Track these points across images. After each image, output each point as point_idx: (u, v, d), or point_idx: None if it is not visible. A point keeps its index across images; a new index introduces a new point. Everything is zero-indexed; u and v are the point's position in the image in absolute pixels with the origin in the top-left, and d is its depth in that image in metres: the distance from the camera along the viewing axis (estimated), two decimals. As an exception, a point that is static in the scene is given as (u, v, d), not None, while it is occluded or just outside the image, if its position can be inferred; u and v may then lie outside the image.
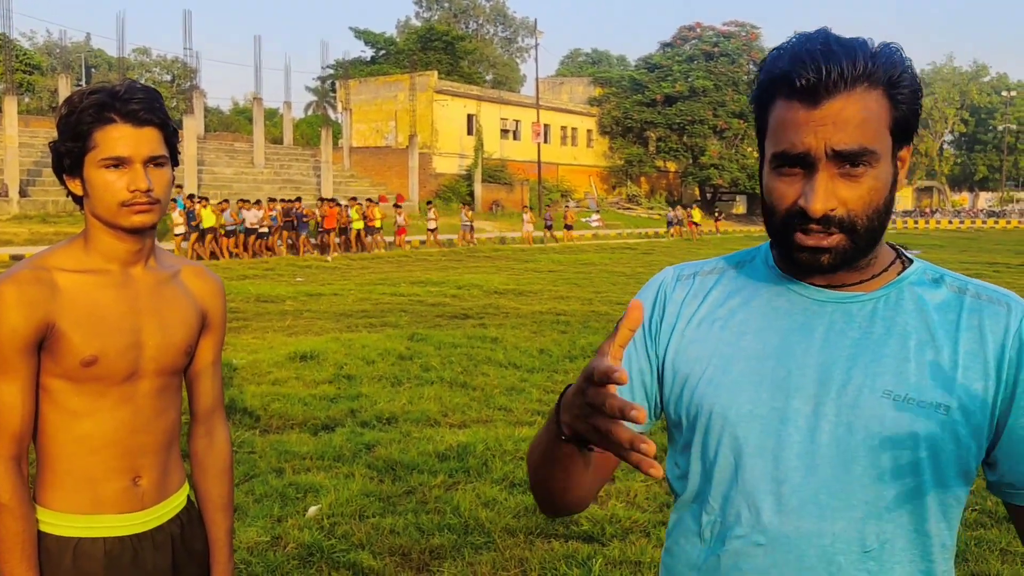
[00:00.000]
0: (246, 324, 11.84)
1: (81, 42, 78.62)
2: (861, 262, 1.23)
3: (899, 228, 60.60)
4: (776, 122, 1.19)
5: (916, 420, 1.16)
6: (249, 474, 5.44)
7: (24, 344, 1.72)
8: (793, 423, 1.20)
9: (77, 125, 1.74)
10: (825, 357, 1.21)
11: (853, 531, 1.17)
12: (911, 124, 1.20)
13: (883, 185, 1.18)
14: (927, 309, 1.22)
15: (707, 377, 1.26)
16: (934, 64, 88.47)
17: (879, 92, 1.15)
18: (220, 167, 39.88)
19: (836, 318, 1.23)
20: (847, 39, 1.17)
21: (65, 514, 1.81)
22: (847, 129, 1.13)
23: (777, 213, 1.21)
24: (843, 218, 1.16)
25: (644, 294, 1.39)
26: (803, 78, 1.13)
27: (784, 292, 1.28)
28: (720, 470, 1.25)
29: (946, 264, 10.47)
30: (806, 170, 1.17)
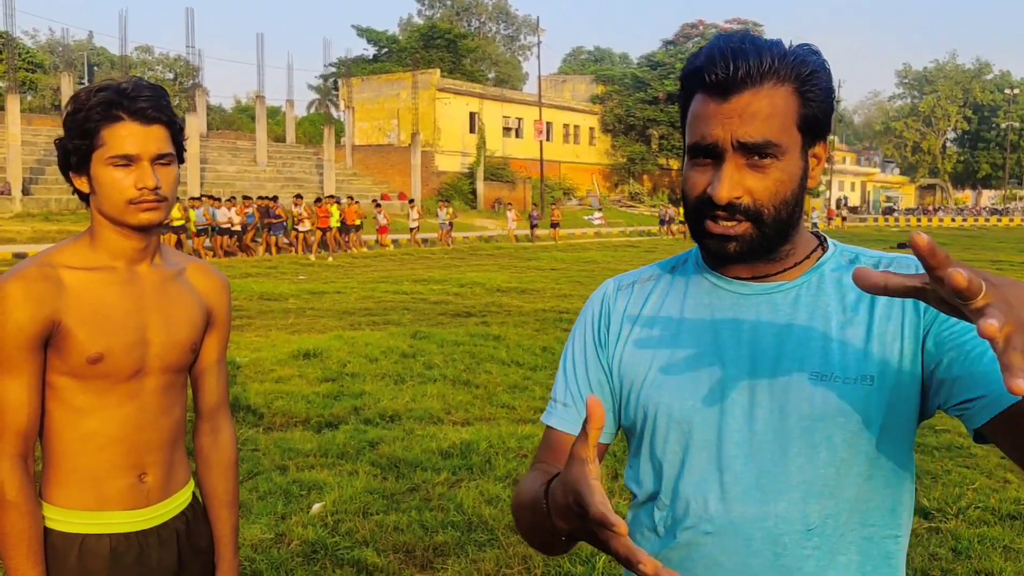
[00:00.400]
0: (249, 322, 11.85)
1: (84, 40, 78.74)
2: (779, 252, 1.29)
3: (902, 226, 60.54)
4: (691, 116, 1.25)
5: (844, 396, 1.21)
6: (253, 471, 5.45)
7: (30, 341, 1.73)
8: (731, 414, 1.25)
9: (85, 123, 1.74)
10: (755, 348, 1.26)
11: (795, 511, 1.22)
12: (822, 121, 1.25)
13: (790, 178, 1.23)
14: (845, 289, 1.28)
15: (650, 379, 1.32)
16: (937, 62, 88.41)
17: (787, 89, 1.21)
18: (223, 165, 39.90)
19: (763, 309, 1.29)
20: (762, 40, 1.23)
21: (71, 511, 1.81)
22: (753, 122, 1.19)
23: (689, 201, 1.27)
24: (749, 207, 1.21)
25: (590, 308, 1.45)
26: (713, 73, 1.20)
27: (713, 290, 1.34)
28: (669, 466, 1.30)
29: (949, 262, 10.41)
30: (716, 160, 1.22)
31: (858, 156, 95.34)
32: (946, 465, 5.77)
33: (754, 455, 1.23)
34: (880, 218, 68.68)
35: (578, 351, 1.43)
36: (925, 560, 4.24)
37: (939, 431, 6.61)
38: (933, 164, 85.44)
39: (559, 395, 1.43)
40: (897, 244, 34.37)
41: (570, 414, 1.40)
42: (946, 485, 5.33)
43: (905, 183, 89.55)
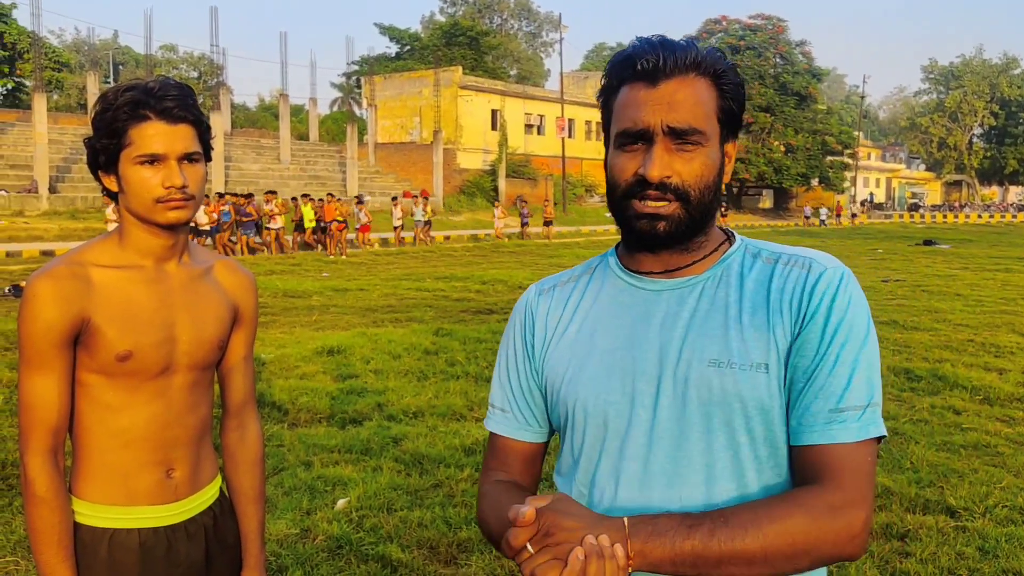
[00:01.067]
0: (274, 319, 11.92)
1: (109, 39, 79.41)
2: (694, 242, 1.36)
3: (928, 222, 59.96)
4: (621, 105, 1.33)
5: (739, 382, 1.28)
6: (278, 467, 5.48)
7: (60, 339, 1.75)
8: (640, 404, 1.33)
9: (112, 122, 1.75)
10: (663, 340, 1.34)
11: (698, 494, 1.29)
12: (736, 116, 1.36)
13: (713, 164, 1.32)
14: (746, 281, 1.35)
15: (569, 377, 1.40)
16: (963, 56, 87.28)
17: (707, 81, 1.32)
18: (247, 163, 40.13)
19: (671, 304, 1.36)
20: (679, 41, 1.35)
21: (100, 505, 1.83)
22: (681, 109, 1.28)
23: (619, 186, 1.34)
24: (678, 186, 1.30)
25: (516, 315, 1.54)
26: (645, 60, 1.29)
27: (627, 288, 1.41)
28: (586, 458, 1.39)
29: (975, 259, 10.34)
30: (646, 144, 1.30)
31: (883, 152, 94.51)
32: (972, 463, 5.72)
33: (659, 442, 1.31)
34: (906, 215, 68.07)
35: (509, 358, 1.52)
36: (952, 559, 4.20)
37: (966, 429, 6.55)
38: (959, 160, 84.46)
39: (496, 401, 1.53)
40: (923, 241, 34.06)
41: (508, 420, 1.51)
42: (973, 484, 5.28)
43: (931, 179, 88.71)
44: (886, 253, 28.16)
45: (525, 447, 1.50)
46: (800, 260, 1.35)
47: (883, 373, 8.55)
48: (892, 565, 4.16)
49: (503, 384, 1.52)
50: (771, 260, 1.37)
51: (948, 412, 7.13)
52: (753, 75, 58.27)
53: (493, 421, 1.53)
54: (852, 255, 27.09)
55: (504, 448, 1.51)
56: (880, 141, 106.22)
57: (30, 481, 1.75)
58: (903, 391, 7.92)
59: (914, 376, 8.42)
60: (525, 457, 1.51)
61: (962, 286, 17.44)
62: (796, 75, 59.66)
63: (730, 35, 60.89)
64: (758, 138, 58.82)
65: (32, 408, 1.76)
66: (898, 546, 4.38)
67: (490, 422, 1.53)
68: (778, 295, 1.31)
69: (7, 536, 4.37)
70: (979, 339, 10.76)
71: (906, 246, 32.12)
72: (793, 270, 1.34)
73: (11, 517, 4.61)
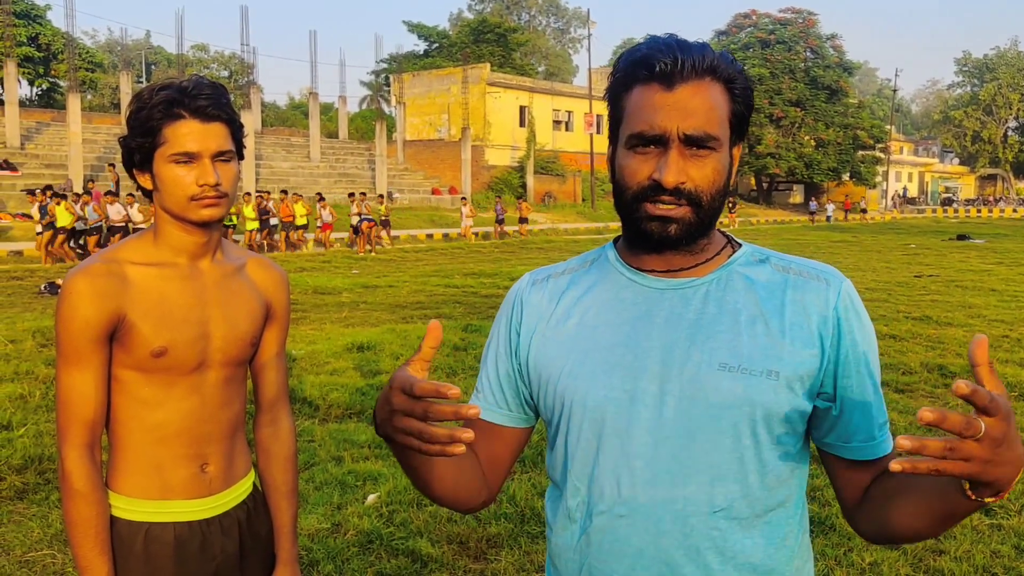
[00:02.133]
0: (304, 315, 12.01)
1: (141, 39, 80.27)
2: (697, 244, 1.36)
3: (961, 217, 59.19)
4: (634, 106, 1.31)
5: (749, 387, 1.28)
6: (309, 462, 5.52)
7: (96, 335, 1.77)
8: (642, 402, 1.32)
9: (147, 121, 1.78)
10: (667, 339, 1.33)
11: (702, 494, 1.29)
12: (745, 121, 1.35)
13: (723, 169, 1.32)
14: (755, 287, 1.36)
15: (567, 371, 1.38)
16: (998, 48, 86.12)
17: (721, 86, 1.30)
18: (277, 161, 40.42)
19: (675, 303, 1.36)
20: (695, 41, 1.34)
21: (136, 500, 1.86)
22: (696, 116, 1.27)
23: (630, 188, 1.32)
24: (691, 192, 1.29)
25: (507, 303, 1.52)
26: (662, 62, 1.27)
27: (629, 284, 1.40)
28: (583, 454, 1.37)
29: (1010, 254, 10.19)
30: (659, 148, 1.29)
31: (916, 146, 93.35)
32: (1008, 461, 5.64)
33: (664, 441, 1.30)
34: (939, 209, 67.24)
35: (493, 345, 1.52)
36: (987, 557, 4.16)
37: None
38: (994, 153, 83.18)
39: (479, 382, 1.53)
40: (956, 236, 33.63)
41: (479, 400, 1.50)
42: (1008, 481, 5.21)
43: (965, 173, 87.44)
44: (919, 248, 27.84)
45: (489, 427, 1.49)
46: (813, 271, 1.37)
47: (917, 369, 8.49)
48: (926, 563, 4.12)
49: (484, 366, 1.52)
50: (782, 269, 1.38)
51: (983, 409, 7.03)
52: (783, 69, 57.78)
53: (472, 400, 1.51)
54: (884, 250, 26.82)
55: (477, 428, 1.48)
56: (913, 135, 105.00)
57: (67, 475, 1.78)
58: (937, 388, 7.83)
59: (948, 372, 8.33)
60: (488, 435, 1.48)
61: (997, 281, 17.22)
62: (827, 69, 59.05)
63: (760, 29, 60.41)
64: (788, 132, 58.31)
65: (69, 404, 1.79)
66: (932, 544, 4.34)
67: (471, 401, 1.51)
68: (796, 307, 1.32)
69: (44, 530, 4.44)
70: (1015, 335, 10.62)
71: (939, 241, 31.74)
72: (810, 282, 1.35)
73: (48, 511, 4.68)
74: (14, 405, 6.56)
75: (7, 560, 4.14)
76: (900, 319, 11.90)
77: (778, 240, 31.29)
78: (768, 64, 57.73)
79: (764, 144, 56.96)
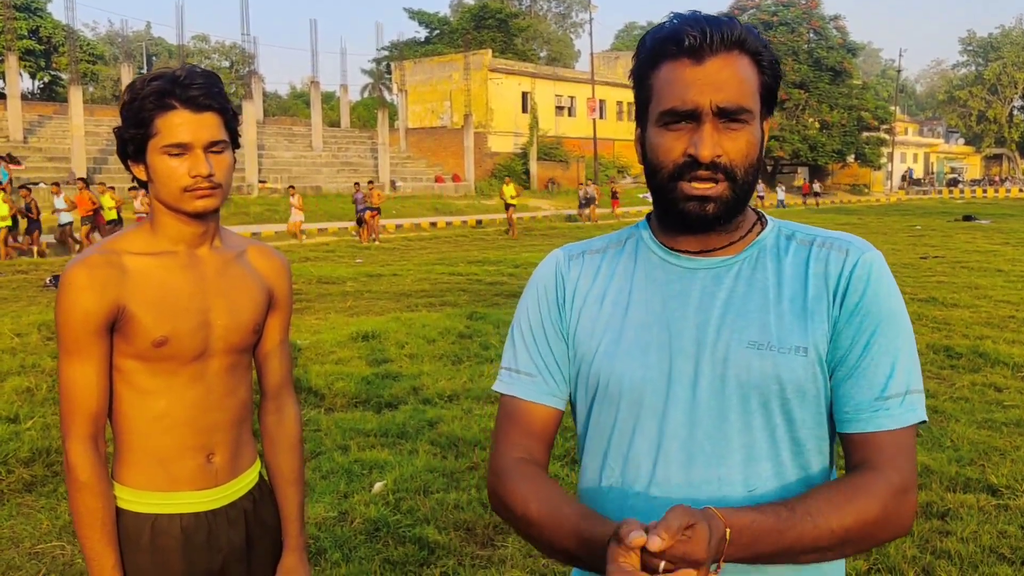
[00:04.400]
0: (309, 305, 12.02)
1: (142, 31, 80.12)
2: (732, 222, 1.35)
3: (967, 197, 58.96)
4: (663, 83, 1.30)
5: (779, 365, 1.28)
6: (315, 451, 5.54)
7: (97, 326, 1.77)
8: (678, 382, 1.32)
9: (139, 112, 1.77)
10: (700, 319, 1.33)
11: (737, 474, 1.29)
12: (774, 93, 1.35)
13: (756, 142, 1.31)
14: (783, 263, 1.35)
15: (602, 350, 1.38)
16: (1003, 28, 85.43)
17: (749, 59, 1.30)
18: (279, 151, 40.40)
19: (707, 283, 1.35)
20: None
21: (142, 491, 1.86)
22: (728, 88, 1.27)
23: (665, 167, 1.30)
24: (727, 166, 1.28)
25: (542, 278, 1.49)
26: (691, 36, 1.26)
27: (661, 264, 1.40)
28: (619, 434, 1.36)
29: (1016, 234, 10.16)
30: (692, 124, 1.28)
31: (921, 127, 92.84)
32: (1015, 441, 5.63)
33: (698, 421, 1.30)
34: (944, 190, 66.99)
35: (534, 320, 1.46)
36: (994, 538, 4.15)
37: (1007, 407, 6.46)
38: (999, 133, 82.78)
39: (520, 364, 1.44)
40: (962, 216, 33.52)
41: (537, 384, 1.43)
42: (1015, 461, 5.21)
43: (970, 153, 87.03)
44: (925, 229, 27.75)
45: (550, 413, 1.43)
46: (836, 243, 1.35)
47: (922, 351, 8.46)
48: (932, 544, 4.12)
49: (529, 346, 1.44)
50: (806, 242, 1.37)
51: (989, 389, 7.03)
52: (787, 51, 57.47)
53: (518, 385, 1.43)
54: (889, 232, 26.74)
55: (528, 414, 1.42)
56: (917, 115, 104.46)
57: (72, 467, 1.78)
58: (943, 369, 7.82)
59: (954, 354, 8.31)
60: (547, 424, 1.43)
61: (1003, 262, 17.16)
62: (830, 50, 58.78)
63: (763, 11, 60.07)
64: (792, 115, 58.08)
65: (71, 395, 1.79)
66: (938, 525, 4.33)
67: (513, 386, 1.44)
68: (817, 280, 1.32)
69: (53, 522, 4.46)
70: (1021, 315, 10.59)
71: (945, 222, 31.63)
72: (831, 253, 1.34)
73: (56, 503, 4.70)
74: (21, 398, 6.58)
75: (16, 552, 4.16)
76: (906, 301, 11.81)
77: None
78: (771, 46, 57.32)
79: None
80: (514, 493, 1.36)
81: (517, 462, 1.40)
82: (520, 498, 1.35)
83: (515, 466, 1.39)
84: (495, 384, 1.48)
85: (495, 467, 1.42)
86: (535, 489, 1.34)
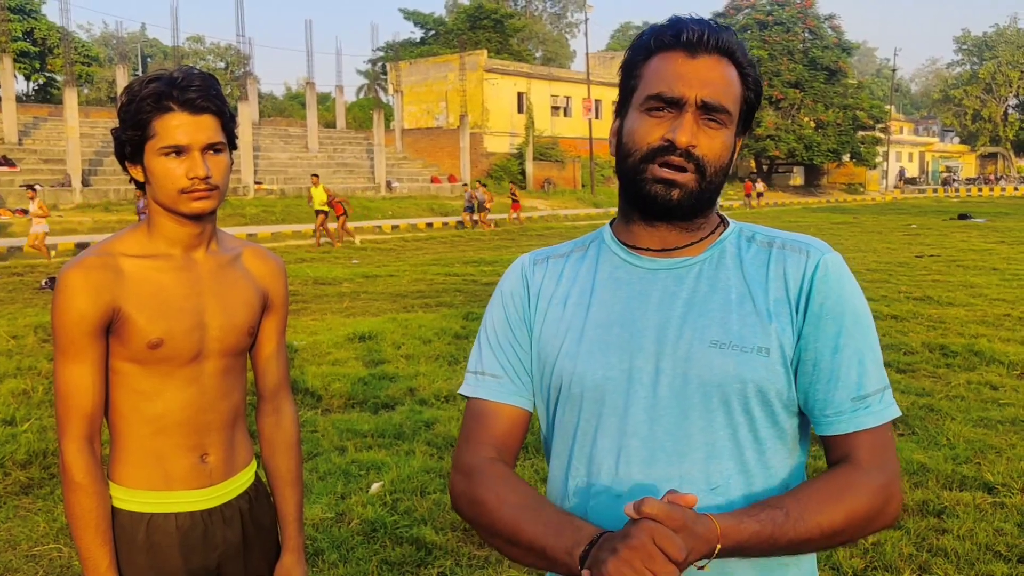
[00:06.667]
0: (305, 306, 12.02)
1: (137, 32, 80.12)
2: (694, 221, 1.38)
3: (963, 196, 59.04)
4: (654, 71, 1.34)
5: (741, 364, 1.29)
6: (313, 452, 5.54)
7: (92, 328, 1.78)
8: (638, 380, 1.33)
9: (137, 114, 1.77)
10: (660, 318, 1.35)
11: (698, 471, 1.30)
12: (752, 111, 1.39)
13: (729, 146, 1.35)
14: (743, 264, 1.37)
15: (564, 351, 1.39)
16: (997, 26, 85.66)
17: (736, 70, 1.35)
18: (275, 152, 40.35)
19: (668, 283, 1.37)
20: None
21: (137, 491, 1.86)
22: (715, 86, 1.31)
23: (639, 150, 1.34)
24: (700, 158, 1.31)
25: (508, 283, 1.51)
26: (690, 31, 1.32)
27: (623, 265, 1.41)
28: (582, 434, 1.38)
29: (1012, 232, 10.17)
30: (674, 112, 1.32)
31: (916, 126, 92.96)
32: (1010, 439, 5.65)
33: (659, 419, 1.31)
34: (940, 189, 67.08)
35: (499, 324, 1.48)
36: (990, 535, 4.16)
37: (1003, 404, 6.47)
38: (994, 132, 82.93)
39: (486, 367, 1.46)
40: (958, 215, 33.57)
41: (503, 385, 1.44)
42: (1011, 459, 5.22)
43: (965, 152, 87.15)
44: (920, 228, 27.79)
45: (518, 414, 1.44)
46: (796, 245, 1.37)
47: (918, 349, 8.49)
48: (929, 542, 4.13)
49: (495, 349, 1.46)
50: (766, 244, 1.39)
51: (985, 387, 7.05)
52: (782, 51, 57.54)
53: (483, 387, 1.45)
54: (885, 231, 26.78)
55: (496, 415, 1.43)
56: (912, 114, 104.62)
57: (67, 468, 1.78)
58: (939, 367, 7.83)
59: (950, 352, 8.33)
60: (515, 424, 1.44)
61: (998, 260, 17.20)
62: (825, 50, 58.81)
63: (758, 10, 60.12)
64: (787, 114, 58.12)
65: (67, 397, 1.79)
66: (935, 523, 4.35)
67: (479, 388, 1.45)
68: (778, 282, 1.34)
69: (50, 524, 4.46)
70: (1016, 313, 10.61)
71: (940, 220, 31.68)
72: (790, 255, 1.36)
73: (53, 505, 4.70)
74: (17, 401, 6.58)
75: (14, 555, 4.16)
76: (901, 299, 11.89)
77: (779, 223, 31.23)
78: (767, 46, 57.50)
79: (764, 126, 56.74)
80: (487, 494, 1.35)
81: (488, 462, 1.39)
82: (494, 498, 1.34)
83: (487, 466, 1.38)
84: (461, 388, 1.49)
85: (463, 467, 1.41)
86: (510, 490, 1.34)
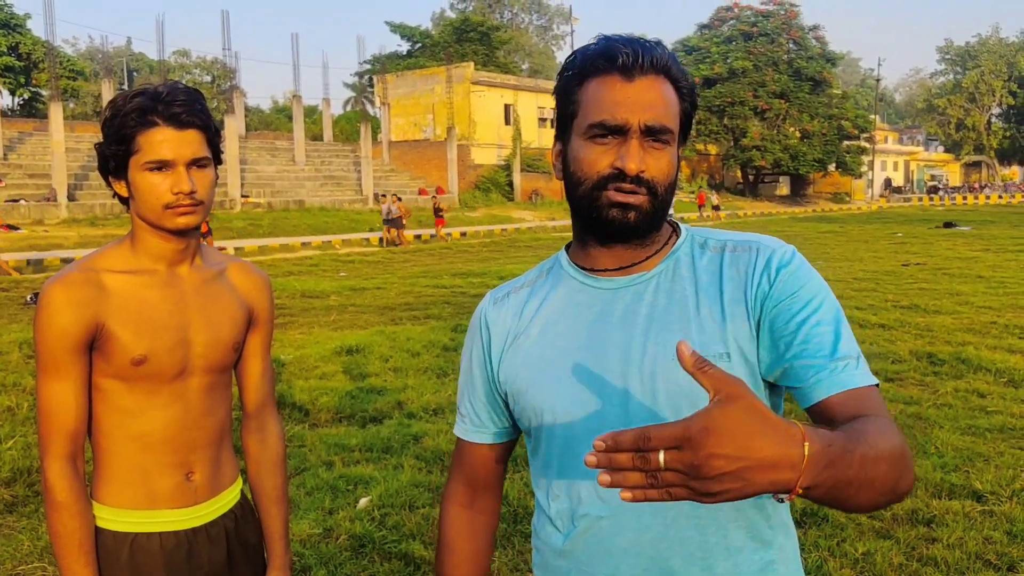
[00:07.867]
0: (292, 320, 11.97)
1: (122, 46, 79.87)
2: (649, 236, 1.38)
3: (947, 205, 59.42)
4: (592, 97, 1.33)
5: None
6: (300, 467, 5.50)
7: (75, 344, 1.76)
8: (609, 401, 1.33)
9: (121, 128, 1.75)
10: (624, 337, 1.35)
11: None
12: (690, 121, 1.39)
13: (675, 162, 1.36)
14: (698, 271, 1.38)
15: (534, 383, 1.41)
16: (980, 36, 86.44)
17: (672, 86, 1.34)
18: (262, 166, 40.29)
19: (628, 301, 1.38)
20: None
21: (121, 510, 1.84)
22: (655, 108, 1.31)
23: (590, 178, 1.33)
24: (650, 181, 1.32)
25: (474, 324, 1.56)
26: (624, 54, 1.30)
27: (582, 288, 1.43)
28: (560, 461, 1.39)
29: (997, 240, 10.24)
30: (619, 138, 1.31)
31: (900, 135, 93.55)
32: (999, 447, 5.66)
33: None
34: (924, 197, 67.49)
35: (465, 367, 1.57)
36: (980, 544, 4.16)
37: (991, 412, 6.49)
38: (978, 141, 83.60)
39: (462, 408, 1.58)
40: (943, 223, 33.77)
41: (465, 423, 1.57)
42: (999, 467, 5.23)
43: (950, 161, 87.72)
44: (906, 237, 27.94)
45: (483, 450, 1.56)
46: (746, 245, 1.38)
47: (905, 358, 8.51)
48: (919, 551, 4.13)
49: (467, 390, 1.57)
50: (718, 248, 1.40)
51: (972, 395, 7.07)
52: (767, 61, 57.89)
53: (459, 426, 1.59)
54: (871, 240, 26.90)
55: (467, 452, 1.58)
56: (897, 124, 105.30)
57: (50, 487, 1.76)
58: (926, 376, 7.85)
59: (937, 360, 8.35)
60: (484, 460, 1.57)
61: (984, 268, 17.30)
62: (810, 60, 59.23)
63: (742, 22, 60.49)
64: (773, 125, 58.43)
65: (49, 414, 1.77)
66: (924, 532, 4.34)
67: (456, 427, 1.60)
68: (733, 283, 1.34)
69: (34, 543, 4.41)
70: (1002, 321, 10.66)
71: (926, 229, 31.85)
72: (741, 256, 1.37)
73: (37, 524, 4.65)
74: (2, 417, 6.51)
75: (-4, 574, 4.11)
76: (888, 308, 11.93)
77: (765, 233, 31.32)
78: (751, 57, 57.84)
79: (749, 137, 57.06)
80: (440, 543, 1.60)
81: (459, 509, 1.60)
82: (442, 548, 1.59)
83: (453, 517, 1.60)
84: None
85: (442, 502, 1.62)
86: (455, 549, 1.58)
